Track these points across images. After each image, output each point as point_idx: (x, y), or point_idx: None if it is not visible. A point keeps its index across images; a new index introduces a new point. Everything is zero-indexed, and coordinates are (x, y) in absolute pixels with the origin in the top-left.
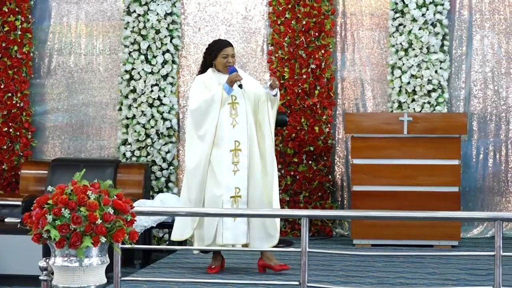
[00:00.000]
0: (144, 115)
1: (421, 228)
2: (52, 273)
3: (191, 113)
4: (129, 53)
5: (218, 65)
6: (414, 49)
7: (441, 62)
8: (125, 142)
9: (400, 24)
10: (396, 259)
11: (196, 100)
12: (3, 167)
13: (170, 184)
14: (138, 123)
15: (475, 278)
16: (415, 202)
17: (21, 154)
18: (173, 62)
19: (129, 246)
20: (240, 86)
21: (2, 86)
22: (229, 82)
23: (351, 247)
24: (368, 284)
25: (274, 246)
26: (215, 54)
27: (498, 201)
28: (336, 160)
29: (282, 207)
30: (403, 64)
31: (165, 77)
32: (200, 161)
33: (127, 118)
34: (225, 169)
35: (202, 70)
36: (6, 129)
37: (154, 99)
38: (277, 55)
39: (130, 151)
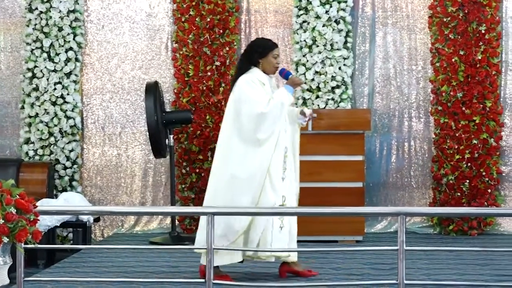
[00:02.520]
0: (47, 113)
1: (326, 224)
2: None
3: (258, 116)
4: (31, 50)
5: (266, 64)
6: (318, 46)
7: (344, 59)
8: (27, 141)
9: (304, 21)
10: (301, 255)
11: (262, 102)
12: None
13: (74, 183)
14: (41, 121)
15: (379, 273)
16: (320, 198)
17: None
18: (76, 60)
19: (33, 246)
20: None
21: None
22: (293, 85)
23: None
24: (273, 280)
25: (180, 244)
26: (266, 53)
27: (401, 196)
28: None
29: (187, 204)
30: (307, 61)
31: (68, 75)
32: (259, 167)
33: (30, 117)
34: (279, 176)
35: (244, 69)
36: None
37: (57, 97)
38: (181, 52)
39: (33, 150)
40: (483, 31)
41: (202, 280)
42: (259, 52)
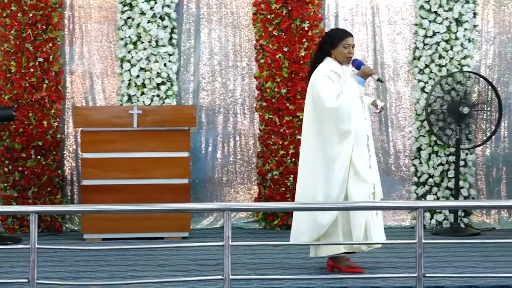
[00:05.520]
0: None
1: (152, 221)
2: None
3: (331, 111)
4: None
5: (338, 55)
6: (143, 42)
7: (170, 55)
8: None
9: (128, 17)
10: (127, 252)
11: (331, 98)
12: None
13: None
14: None
15: (205, 268)
16: (146, 195)
17: None
18: None
19: None
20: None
21: None
22: (364, 75)
23: (81, 242)
24: (99, 278)
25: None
26: (336, 43)
27: (227, 192)
28: (65, 155)
29: (9, 203)
30: (132, 57)
31: None
32: (344, 159)
33: None
34: (366, 165)
35: (319, 60)
36: None
37: None
38: (3, 48)
39: None
40: (306, 28)
41: (25, 280)
42: (329, 43)
